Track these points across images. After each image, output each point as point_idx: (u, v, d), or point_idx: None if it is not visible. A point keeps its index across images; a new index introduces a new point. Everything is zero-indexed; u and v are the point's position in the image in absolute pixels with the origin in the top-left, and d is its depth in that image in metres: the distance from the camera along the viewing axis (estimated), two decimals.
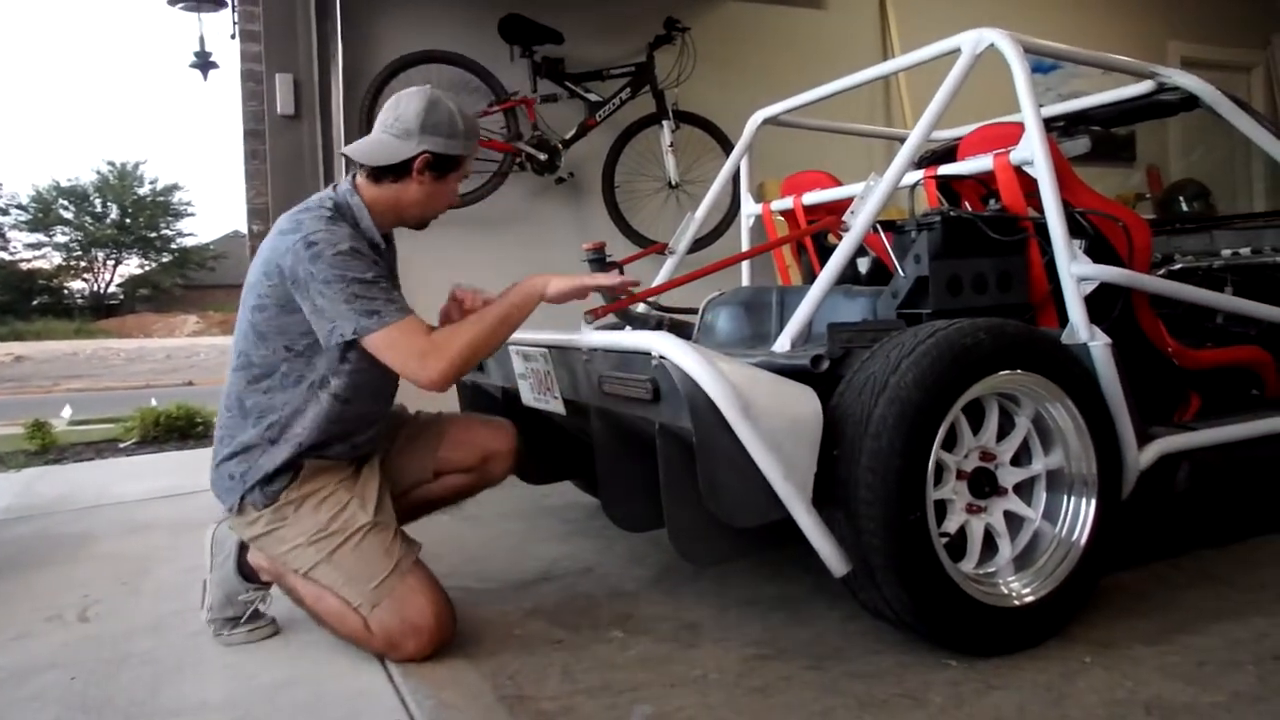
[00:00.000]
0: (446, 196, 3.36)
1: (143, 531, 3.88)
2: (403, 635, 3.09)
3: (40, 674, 3.14)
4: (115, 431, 9.11)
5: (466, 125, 3.27)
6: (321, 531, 3.15)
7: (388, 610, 3.09)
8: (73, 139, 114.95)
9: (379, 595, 3.09)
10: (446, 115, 3.22)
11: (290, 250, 3.04)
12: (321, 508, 3.18)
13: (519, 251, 7.12)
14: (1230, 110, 4.17)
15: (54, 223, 54.64)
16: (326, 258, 2.99)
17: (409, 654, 3.10)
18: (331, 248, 3.00)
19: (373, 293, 3.01)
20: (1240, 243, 4.47)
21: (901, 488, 2.72)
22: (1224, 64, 10.31)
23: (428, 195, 3.29)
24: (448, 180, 3.31)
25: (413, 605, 3.11)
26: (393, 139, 3.21)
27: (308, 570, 3.17)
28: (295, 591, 3.27)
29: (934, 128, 3.53)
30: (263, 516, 3.19)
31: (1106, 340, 3.25)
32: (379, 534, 3.19)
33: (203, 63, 9.77)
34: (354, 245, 3.06)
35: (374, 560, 3.13)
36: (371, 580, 3.10)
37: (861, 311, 3.55)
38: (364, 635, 3.13)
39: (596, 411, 3.27)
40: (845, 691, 2.73)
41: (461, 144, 3.26)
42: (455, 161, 3.28)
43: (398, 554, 3.17)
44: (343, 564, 3.13)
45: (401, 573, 3.14)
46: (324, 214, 3.13)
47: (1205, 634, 3.04)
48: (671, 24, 7.30)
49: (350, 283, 2.99)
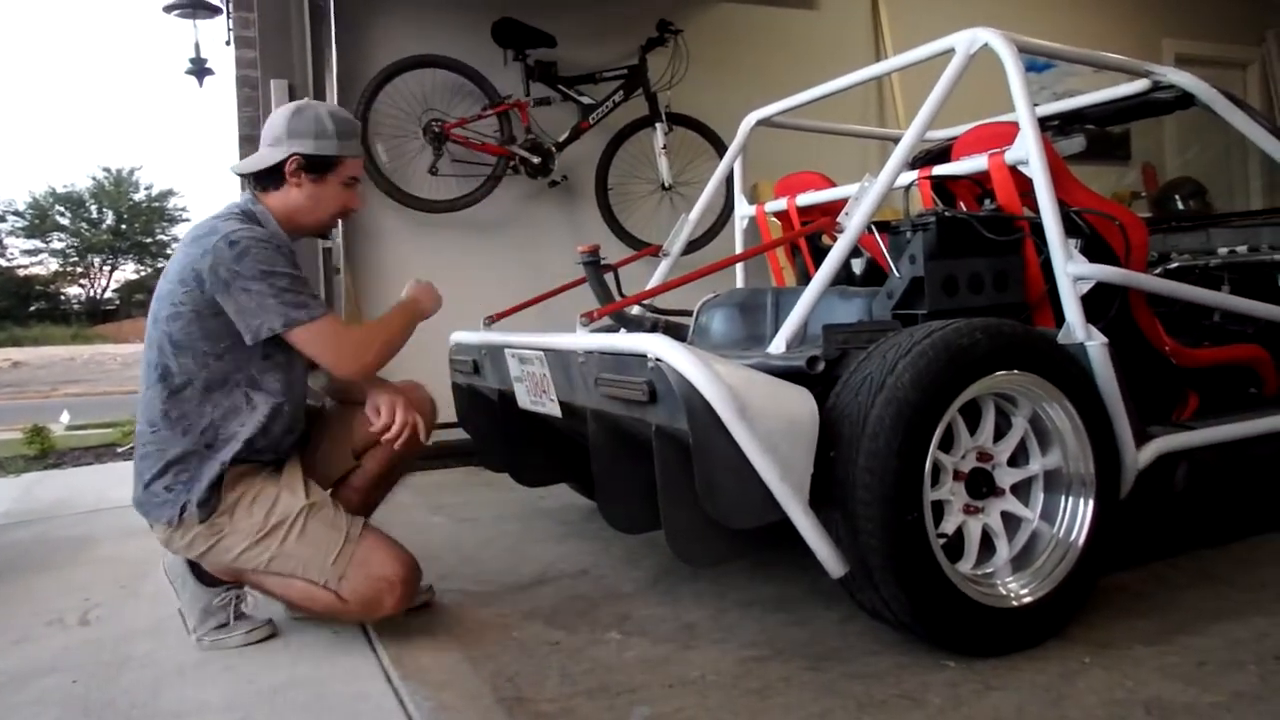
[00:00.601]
0: (336, 198, 3.41)
1: (141, 535, 3.86)
2: (377, 592, 3.16)
3: (41, 677, 3.14)
4: (113, 436, 9.11)
5: (338, 125, 3.35)
6: (261, 529, 3.19)
7: (354, 575, 3.16)
8: (69, 146, 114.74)
9: (340, 566, 3.16)
10: (313, 117, 3.32)
11: (209, 252, 3.10)
12: (254, 507, 3.22)
13: (513, 254, 7.16)
14: (1226, 108, 4.16)
15: (50, 229, 54.92)
16: (252, 254, 3.09)
17: (389, 608, 3.19)
18: (256, 244, 3.11)
19: (298, 287, 3.16)
20: (1237, 241, 4.47)
21: (899, 488, 2.71)
22: (1219, 61, 10.33)
23: (310, 198, 3.36)
24: (327, 181, 3.37)
25: (376, 561, 3.19)
26: (267, 149, 3.35)
27: (264, 568, 3.22)
28: (261, 586, 3.32)
29: (928, 128, 3.53)
30: (199, 533, 3.21)
31: (1103, 340, 3.25)
32: (318, 512, 3.24)
33: (198, 69, 9.81)
34: (276, 243, 3.17)
35: (322, 538, 3.19)
36: (328, 556, 3.17)
37: (857, 312, 3.55)
38: (339, 606, 3.20)
39: (592, 414, 3.26)
40: (843, 692, 2.73)
41: (334, 143, 3.33)
42: (330, 161, 3.34)
43: (344, 524, 3.23)
44: (294, 552, 3.19)
45: (354, 539, 3.21)
46: (239, 217, 3.24)
47: (1205, 634, 3.04)
48: (664, 26, 7.32)
49: (278, 277, 3.11)
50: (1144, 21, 9.97)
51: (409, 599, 3.25)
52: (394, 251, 6.95)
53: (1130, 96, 4.46)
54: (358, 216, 6.64)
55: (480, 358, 4.07)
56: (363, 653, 3.22)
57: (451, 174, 6.86)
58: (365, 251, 6.85)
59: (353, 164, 3.42)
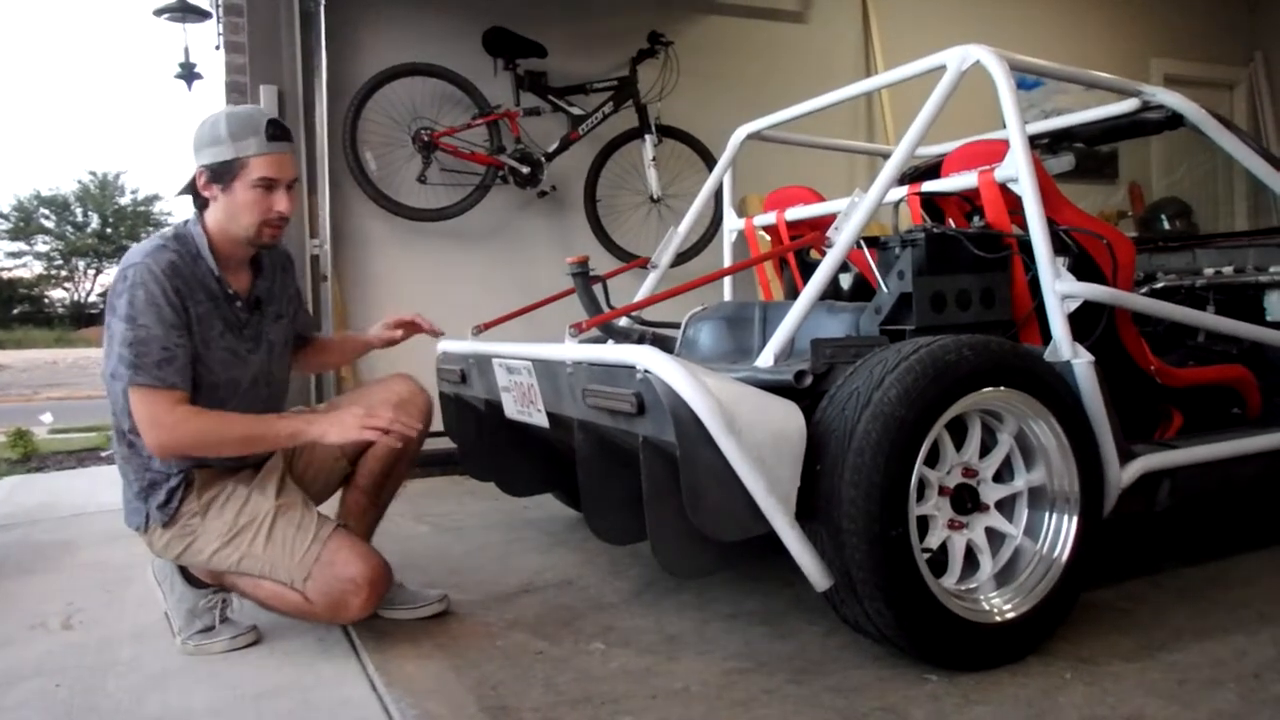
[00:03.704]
0: (252, 205, 3.21)
1: (124, 540, 3.87)
2: (343, 593, 3.15)
3: (25, 681, 3.14)
4: (96, 440, 9.10)
5: (231, 126, 3.17)
6: (231, 529, 3.22)
7: (319, 575, 3.15)
8: (55, 149, 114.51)
9: (306, 567, 3.16)
10: (209, 124, 3.20)
11: (117, 271, 3.13)
12: (226, 508, 3.24)
13: (501, 264, 7.18)
14: (1215, 129, 4.18)
15: (35, 232, 54.85)
16: (126, 296, 3.06)
17: (355, 610, 3.18)
18: (138, 286, 3.06)
19: (147, 348, 3.04)
20: (1223, 261, 4.49)
21: (884, 503, 2.72)
22: (1207, 81, 10.38)
23: (225, 209, 3.23)
24: (234, 189, 3.19)
25: (341, 562, 3.17)
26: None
27: (235, 568, 3.24)
28: (236, 586, 3.34)
29: (919, 144, 3.54)
30: (172, 535, 3.25)
31: (1089, 358, 3.26)
32: (286, 514, 3.24)
33: (188, 74, 9.79)
34: (161, 291, 3.07)
35: (289, 539, 3.20)
36: (294, 556, 3.17)
37: (844, 327, 3.56)
38: (306, 608, 3.21)
39: (580, 424, 3.26)
40: (826, 705, 2.73)
41: (229, 146, 3.16)
42: (229, 166, 3.18)
43: (313, 526, 3.23)
44: (262, 553, 3.20)
45: (322, 539, 3.20)
46: (157, 243, 3.18)
47: (1186, 651, 3.05)
48: (655, 38, 7.35)
49: (137, 327, 3.04)
50: (1132, 41, 10.02)
51: (375, 601, 3.23)
52: (381, 259, 6.95)
53: (1120, 116, 4.46)
54: (345, 223, 6.69)
55: (468, 367, 4.07)
56: (347, 660, 3.22)
57: (440, 183, 6.87)
58: (353, 259, 6.85)
59: (259, 163, 3.18)
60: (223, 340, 3.25)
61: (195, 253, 3.21)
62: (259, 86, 6.48)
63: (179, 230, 3.25)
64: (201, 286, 3.20)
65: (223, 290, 3.26)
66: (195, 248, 3.22)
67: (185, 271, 3.15)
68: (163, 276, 3.07)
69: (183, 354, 3.10)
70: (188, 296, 3.14)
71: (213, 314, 3.22)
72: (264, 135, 3.18)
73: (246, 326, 3.34)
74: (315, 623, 3.35)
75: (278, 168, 3.22)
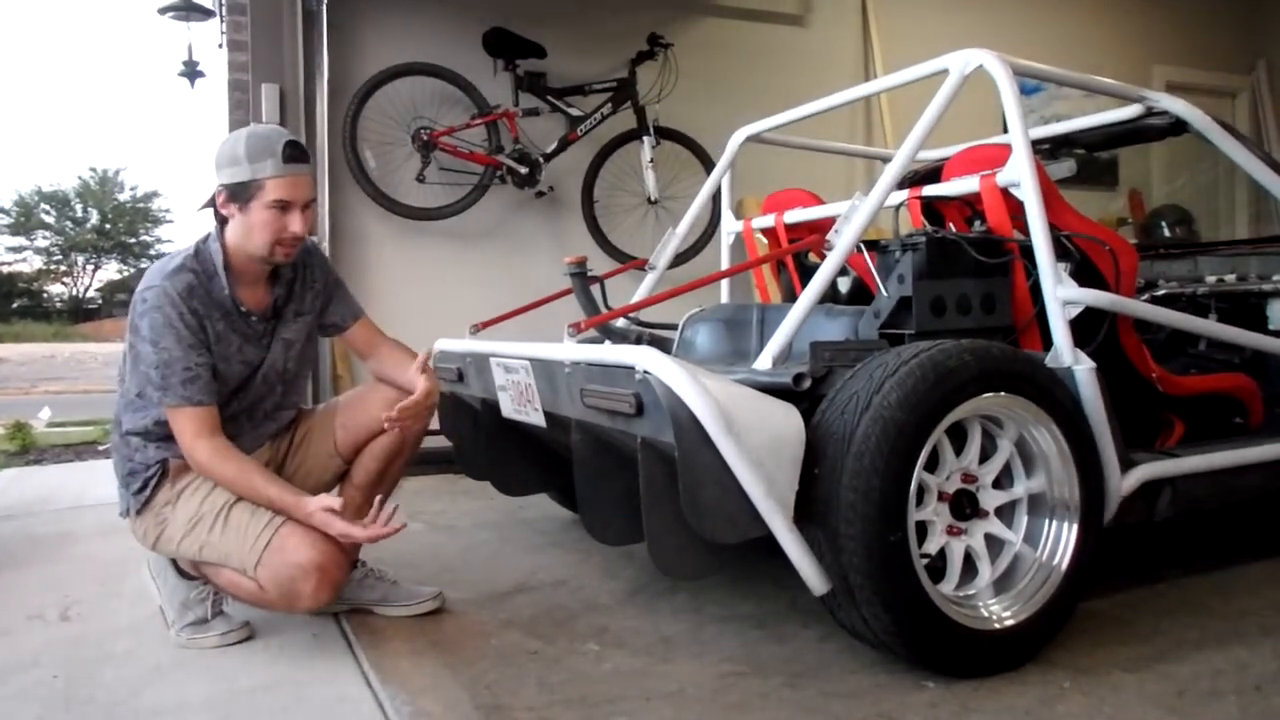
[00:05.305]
0: (265, 225, 3.24)
1: (122, 533, 3.84)
2: (292, 579, 3.13)
3: (23, 672, 3.14)
4: (93, 434, 9.09)
5: (250, 147, 3.21)
6: (194, 518, 3.25)
7: (269, 561, 3.14)
8: (57, 145, 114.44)
9: (257, 552, 3.16)
10: (228, 147, 3.24)
11: (138, 292, 3.23)
12: (193, 498, 3.28)
13: (498, 263, 7.18)
14: (1219, 136, 4.16)
15: (35, 227, 54.91)
16: (148, 319, 3.18)
17: (308, 596, 3.15)
18: (156, 309, 3.17)
19: (171, 370, 3.16)
20: (1225, 269, 4.48)
21: (883, 508, 2.70)
22: (1209, 89, 10.37)
23: (242, 227, 3.26)
24: (251, 209, 3.23)
25: (291, 547, 3.14)
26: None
27: (198, 556, 3.27)
28: (206, 576, 3.37)
29: (920, 148, 3.52)
30: (148, 524, 3.33)
31: (1091, 364, 3.25)
32: (244, 502, 3.25)
33: (190, 71, 9.81)
34: (178, 314, 3.18)
35: (244, 526, 3.20)
36: (247, 542, 3.18)
37: (843, 331, 3.55)
38: (260, 595, 3.21)
39: (577, 424, 3.25)
40: (822, 710, 2.72)
41: (246, 168, 3.20)
42: (246, 187, 3.22)
43: (267, 514, 3.21)
44: (219, 541, 3.22)
45: (274, 526, 3.19)
46: (178, 263, 3.26)
47: (1185, 662, 3.03)
48: (654, 40, 7.35)
49: (160, 350, 3.16)
50: (1135, 48, 10.00)
51: (329, 590, 3.17)
52: (380, 257, 6.95)
53: (1123, 122, 4.44)
54: (344, 221, 6.68)
55: (465, 366, 4.05)
56: (342, 656, 3.22)
57: (439, 182, 6.87)
58: (351, 256, 6.83)
59: (275, 185, 3.21)
60: (240, 354, 3.36)
61: (212, 272, 3.29)
62: (261, 85, 6.48)
63: (199, 247, 3.32)
64: (218, 305, 3.29)
65: (237, 309, 3.33)
66: (212, 267, 3.29)
67: (201, 292, 3.25)
68: (179, 300, 3.18)
69: (205, 371, 3.23)
70: (205, 316, 3.24)
71: (229, 331, 3.31)
72: (280, 157, 3.21)
73: (264, 336, 3.43)
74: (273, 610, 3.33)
75: (292, 190, 3.25)
